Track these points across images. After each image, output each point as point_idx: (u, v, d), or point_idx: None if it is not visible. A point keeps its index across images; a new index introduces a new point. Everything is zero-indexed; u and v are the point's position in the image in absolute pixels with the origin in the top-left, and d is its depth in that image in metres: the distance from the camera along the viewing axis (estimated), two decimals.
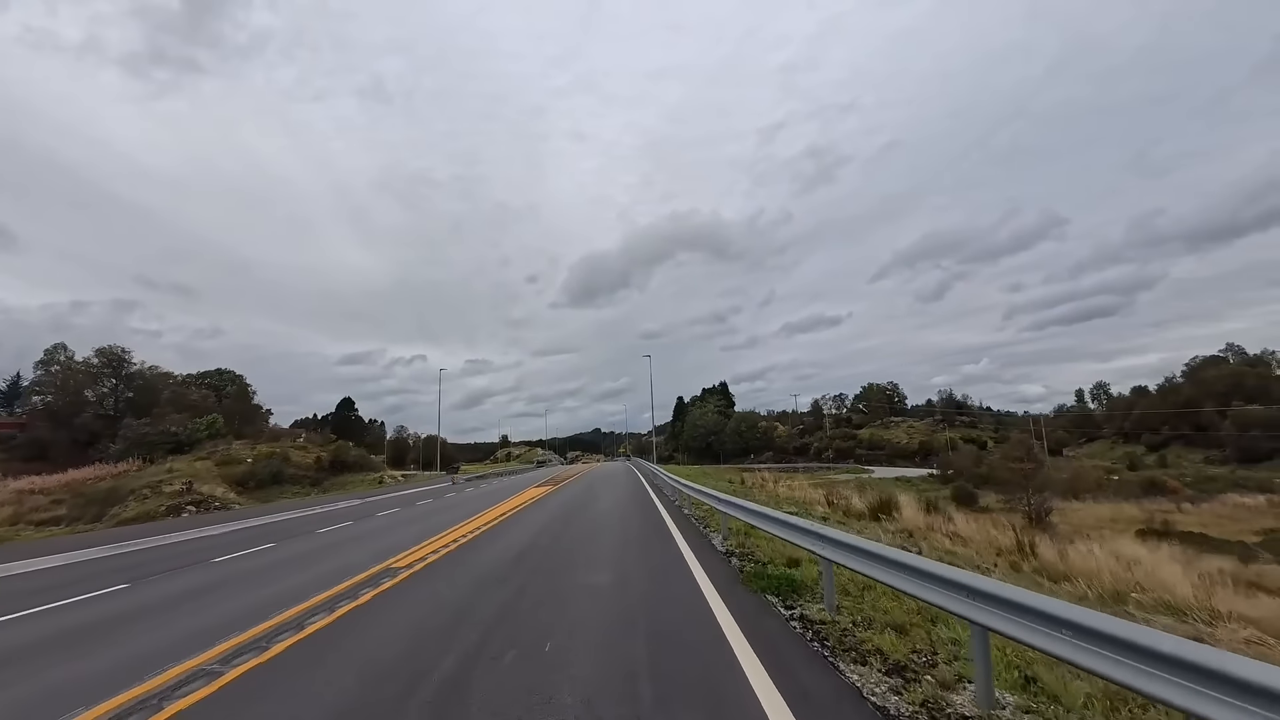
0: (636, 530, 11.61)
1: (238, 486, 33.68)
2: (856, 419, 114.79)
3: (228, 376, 66.27)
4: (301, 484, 39.08)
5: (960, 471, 64.43)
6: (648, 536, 10.58)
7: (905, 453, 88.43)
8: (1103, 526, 35.30)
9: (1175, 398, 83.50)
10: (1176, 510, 38.28)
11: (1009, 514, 37.81)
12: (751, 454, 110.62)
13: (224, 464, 37.00)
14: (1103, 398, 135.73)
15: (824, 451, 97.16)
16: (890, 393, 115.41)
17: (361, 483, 42.01)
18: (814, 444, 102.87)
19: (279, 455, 40.28)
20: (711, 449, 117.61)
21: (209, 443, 42.21)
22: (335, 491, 38.08)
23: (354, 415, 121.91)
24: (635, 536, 10.77)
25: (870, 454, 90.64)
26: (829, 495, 18.62)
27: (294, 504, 27.83)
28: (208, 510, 24.65)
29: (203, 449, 40.76)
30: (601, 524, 12.84)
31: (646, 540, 10.13)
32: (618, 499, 18.62)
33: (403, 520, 15.88)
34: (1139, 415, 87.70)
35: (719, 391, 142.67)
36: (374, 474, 45.03)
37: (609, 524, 12.77)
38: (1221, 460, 68.70)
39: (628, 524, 12.71)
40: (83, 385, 52.49)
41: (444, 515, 16.64)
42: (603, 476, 36.84)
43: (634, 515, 14.61)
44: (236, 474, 35.03)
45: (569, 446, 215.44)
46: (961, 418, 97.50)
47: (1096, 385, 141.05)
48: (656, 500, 17.58)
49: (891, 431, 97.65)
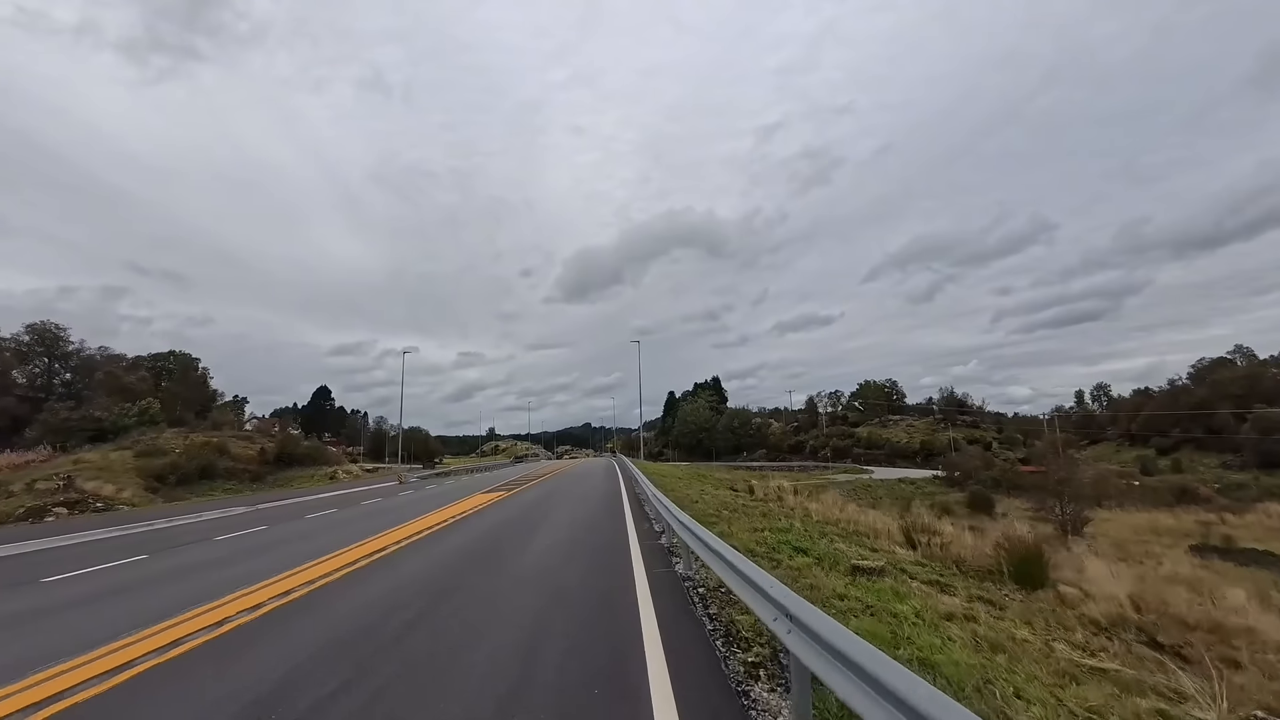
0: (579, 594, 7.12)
1: (153, 482, 28.93)
2: (852, 417, 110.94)
3: (181, 359, 61.13)
4: (239, 479, 34.34)
5: (968, 473, 60.63)
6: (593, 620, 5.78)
7: (905, 452, 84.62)
8: (1144, 539, 31.29)
9: (1187, 399, 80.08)
10: (1219, 520, 34.35)
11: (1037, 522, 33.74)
12: (744, 451, 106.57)
13: (145, 455, 32.19)
14: (1103, 399, 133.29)
15: (820, 450, 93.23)
16: (889, 390, 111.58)
17: (310, 479, 37.35)
18: (809, 442, 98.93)
19: (215, 446, 35.50)
20: (703, 445, 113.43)
21: (138, 431, 37.36)
22: (276, 489, 33.46)
23: (330, 404, 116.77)
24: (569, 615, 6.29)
25: (868, 453, 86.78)
26: (907, 526, 12.98)
27: (210, 504, 23.31)
28: (84, 512, 20.01)
29: (128, 438, 35.92)
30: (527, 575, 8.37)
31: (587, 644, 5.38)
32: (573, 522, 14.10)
33: (283, 538, 11.38)
34: (1147, 417, 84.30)
35: (711, 387, 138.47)
36: (328, 468, 40.35)
37: (541, 573, 8.30)
38: (1240, 465, 65.24)
39: (572, 561, 8.28)
40: (9, 365, 47.31)
41: (359, 525, 12.19)
42: (576, 477, 32.47)
43: (591, 538, 10.19)
44: (156, 467, 30.25)
45: (558, 441, 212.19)
46: (963, 417, 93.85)
47: (1097, 387, 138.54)
48: (630, 522, 13.12)
49: (890, 430, 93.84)
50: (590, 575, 7.59)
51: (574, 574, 7.66)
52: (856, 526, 12.75)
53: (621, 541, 10.26)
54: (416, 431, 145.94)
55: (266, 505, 20.82)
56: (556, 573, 7.73)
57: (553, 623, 5.43)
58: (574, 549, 9.54)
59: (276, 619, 5.76)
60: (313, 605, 6.27)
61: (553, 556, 8.92)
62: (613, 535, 11.08)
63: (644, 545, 9.71)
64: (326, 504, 19.94)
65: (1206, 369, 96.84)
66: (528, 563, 8.45)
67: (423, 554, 9.53)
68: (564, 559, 8.70)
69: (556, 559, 8.72)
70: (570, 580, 7.29)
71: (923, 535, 11.61)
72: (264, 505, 21.00)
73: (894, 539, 11.52)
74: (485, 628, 5.31)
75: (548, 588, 6.91)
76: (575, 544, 10.03)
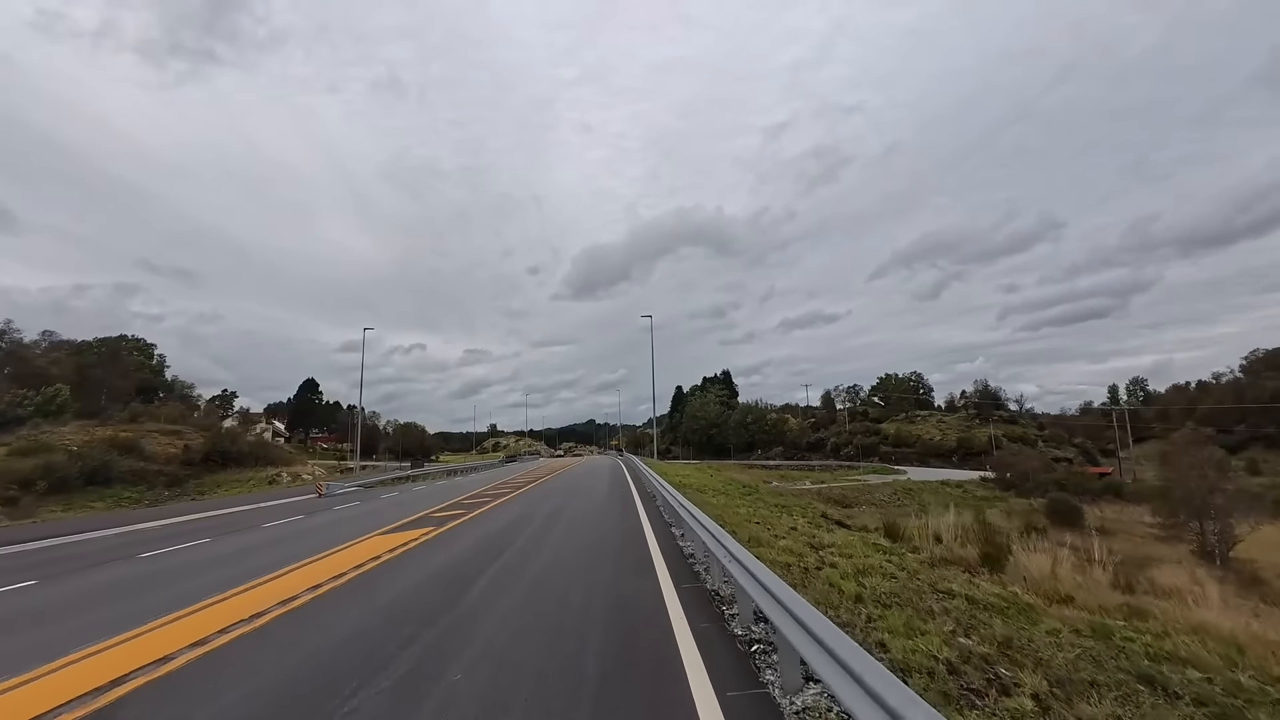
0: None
1: (13, 489, 21.96)
2: (874, 412, 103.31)
3: (131, 344, 54.33)
4: (150, 483, 27.35)
5: (1023, 475, 53.14)
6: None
7: (939, 451, 77.01)
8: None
9: (1255, 392, 72.15)
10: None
11: (1167, 542, 26.38)
12: (758, 449, 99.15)
13: (23, 453, 25.24)
14: (1139, 394, 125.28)
15: (842, 448, 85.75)
16: (915, 384, 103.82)
17: (245, 483, 30.33)
18: (830, 439, 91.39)
19: (123, 443, 28.52)
20: (713, 442, 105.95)
21: (32, 423, 30.43)
22: (185, 500, 26.51)
23: (318, 398, 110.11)
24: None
25: (897, 451, 79.22)
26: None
27: (62, 524, 16.34)
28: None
29: (16, 431, 29.00)
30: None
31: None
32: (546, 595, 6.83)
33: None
34: (1207, 411, 76.48)
35: (721, 381, 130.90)
36: (273, 469, 33.30)
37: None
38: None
39: None
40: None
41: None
42: (570, 487, 25.37)
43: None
44: (25, 470, 23.28)
45: (562, 437, 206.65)
46: (999, 413, 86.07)
47: (1133, 381, 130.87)
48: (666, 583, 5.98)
49: (919, 426, 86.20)
50: None
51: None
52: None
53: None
54: (412, 427, 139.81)
55: (144, 525, 13.82)
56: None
57: None
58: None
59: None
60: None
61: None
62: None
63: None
64: (117, 547, 12.89)
65: (1262, 359, 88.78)
66: None
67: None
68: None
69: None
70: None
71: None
72: (142, 525, 14.01)
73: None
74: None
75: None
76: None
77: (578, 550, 9.29)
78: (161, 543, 11.75)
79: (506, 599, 6.53)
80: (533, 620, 5.68)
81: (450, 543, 10.38)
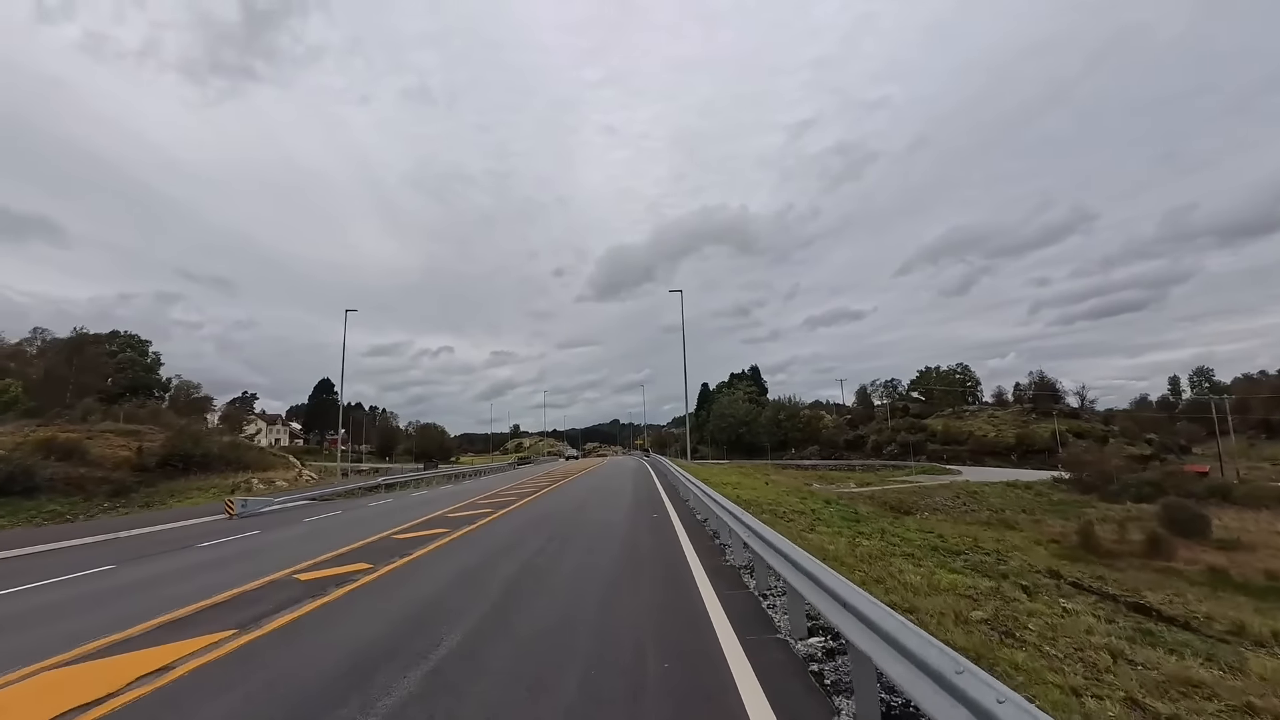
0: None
1: None
2: (915, 408, 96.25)
3: (125, 339, 51.25)
4: (87, 493, 23.22)
5: (1105, 476, 46.48)
6: None
7: (993, 448, 70.08)
8: None
9: None
10: None
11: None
12: (792, 448, 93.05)
13: None
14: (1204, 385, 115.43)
15: (885, 446, 79.25)
16: (962, 376, 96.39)
17: (209, 490, 26.04)
18: (870, 437, 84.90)
19: (61, 446, 24.47)
20: (742, 441, 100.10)
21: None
22: (123, 513, 22.32)
23: (331, 398, 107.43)
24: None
25: (946, 449, 72.47)
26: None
27: None
28: None
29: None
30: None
31: None
32: None
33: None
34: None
35: (749, 377, 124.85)
36: (245, 475, 29.00)
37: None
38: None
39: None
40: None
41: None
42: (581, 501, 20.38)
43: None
44: None
45: (586, 438, 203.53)
46: (1056, 406, 78.47)
47: (1196, 372, 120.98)
48: None
49: (969, 422, 79.16)
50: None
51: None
52: None
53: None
54: (432, 428, 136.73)
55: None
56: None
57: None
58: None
59: None
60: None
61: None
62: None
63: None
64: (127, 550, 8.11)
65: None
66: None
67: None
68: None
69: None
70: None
71: None
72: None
73: None
74: None
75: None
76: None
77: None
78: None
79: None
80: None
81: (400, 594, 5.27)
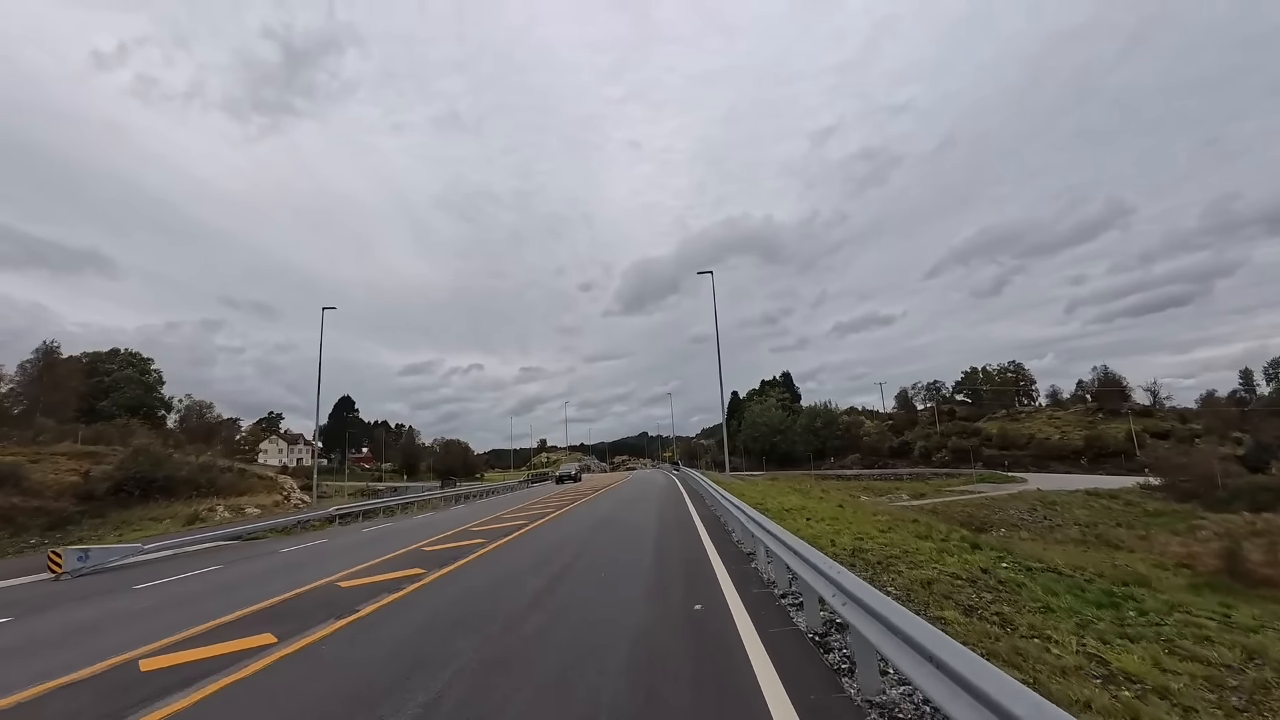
0: None
1: None
2: (963, 411, 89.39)
3: (125, 358, 49.22)
4: (15, 528, 19.91)
5: (1206, 480, 40.16)
6: None
7: (1059, 452, 63.30)
8: None
9: None
10: None
11: None
12: (831, 457, 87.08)
13: None
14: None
15: (934, 452, 72.90)
16: (1015, 375, 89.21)
17: (162, 521, 22.54)
18: (916, 442, 78.56)
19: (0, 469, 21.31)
20: (776, 450, 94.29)
21: None
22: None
23: (354, 416, 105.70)
24: None
25: (1004, 454, 65.88)
26: None
27: None
28: None
29: None
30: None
31: None
32: None
33: None
34: None
35: (781, 384, 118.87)
36: (214, 500, 25.51)
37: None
38: None
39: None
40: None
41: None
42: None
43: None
44: None
45: (614, 451, 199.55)
46: (1127, 405, 71.14)
47: (1272, 363, 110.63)
48: None
49: (1028, 424, 72.33)
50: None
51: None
52: None
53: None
54: (455, 445, 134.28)
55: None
56: None
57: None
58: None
59: None
60: None
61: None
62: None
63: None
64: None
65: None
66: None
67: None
68: None
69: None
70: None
71: None
72: None
73: None
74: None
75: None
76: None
77: None
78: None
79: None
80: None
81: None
